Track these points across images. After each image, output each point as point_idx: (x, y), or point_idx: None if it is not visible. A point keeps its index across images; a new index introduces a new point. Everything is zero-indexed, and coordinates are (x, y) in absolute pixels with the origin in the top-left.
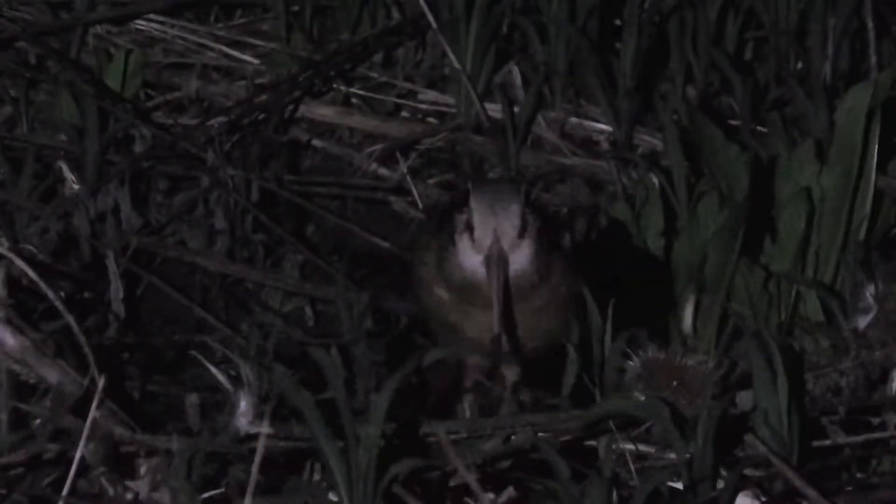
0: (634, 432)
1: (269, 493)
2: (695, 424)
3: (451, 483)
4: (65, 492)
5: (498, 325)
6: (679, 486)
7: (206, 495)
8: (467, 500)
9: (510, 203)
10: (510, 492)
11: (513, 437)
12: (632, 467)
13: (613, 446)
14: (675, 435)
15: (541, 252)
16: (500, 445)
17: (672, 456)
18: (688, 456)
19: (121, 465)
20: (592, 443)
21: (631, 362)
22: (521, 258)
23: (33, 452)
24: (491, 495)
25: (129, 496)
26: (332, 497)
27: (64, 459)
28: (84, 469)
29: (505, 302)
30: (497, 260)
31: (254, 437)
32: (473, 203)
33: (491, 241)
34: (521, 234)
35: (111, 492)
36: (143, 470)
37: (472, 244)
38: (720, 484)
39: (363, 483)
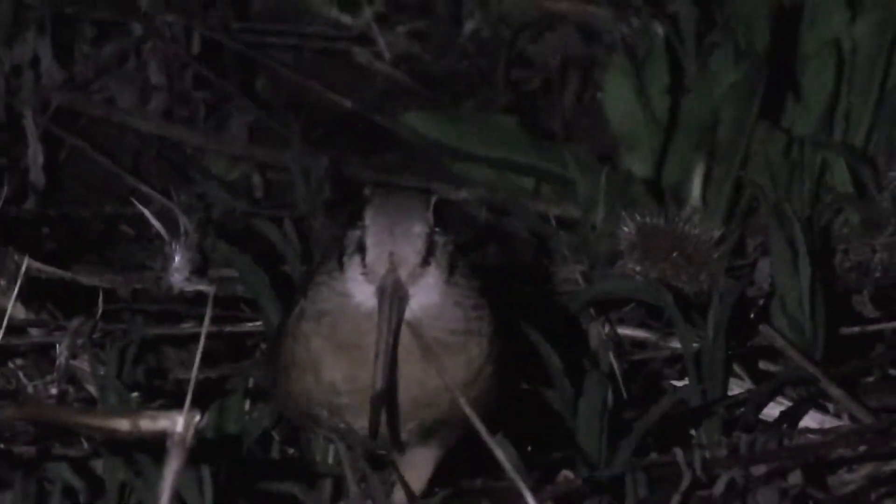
0: (621, 312)
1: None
2: (704, 310)
3: None
4: None
5: (381, 381)
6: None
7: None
8: None
9: (413, 220)
10: None
11: None
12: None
13: (607, 330)
14: (682, 324)
15: (454, 287)
16: None
17: (675, 345)
18: (696, 347)
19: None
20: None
21: (626, 228)
22: (424, 293)
23: None
24: None
25: (51, 391)
26: None
27: None
28: (0, 363)
29: (394, 350)
30: (391, 293)
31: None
32: (368, 217)
33: (386, 269)
34: (426, 260)
35: (29, 388)
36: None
37: (362, 269)
38: (734, 384)
39: None
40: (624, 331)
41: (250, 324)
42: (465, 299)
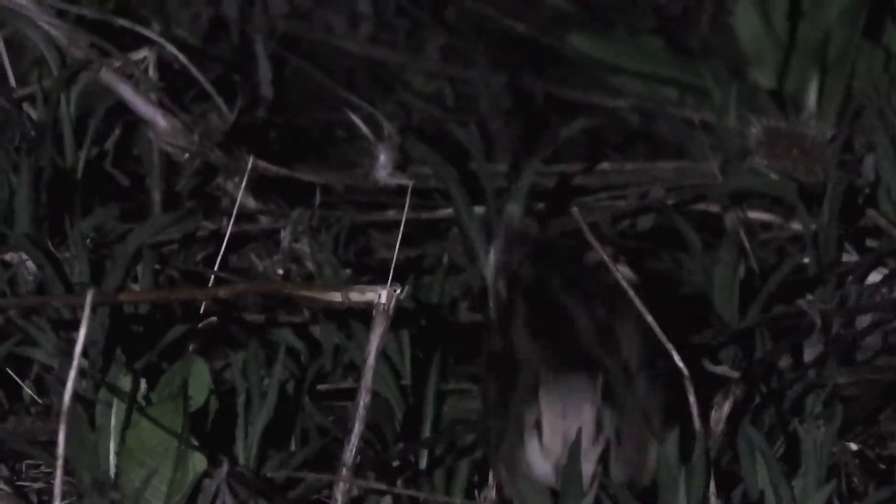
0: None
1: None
2: (819, 198)
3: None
4: (216, 267)
5: None
6: (805, 259)
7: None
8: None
9: (584, 402)
10: None
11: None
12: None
13: (739, 216)
14: (802, 209)
15: (621, 450)
16: (635, 202)
17: (797, 226)
18: (813, 227)
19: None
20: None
21: (753, 129)
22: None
23: (186, 230)
24: (623, 266)
25: (277, 270)
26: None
27: (216, 236)
28: (235, 245)
29: None
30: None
31: (392, 189)
32: (543, 402)
33: (561, 448)
34: (596, 437)
35: (260, 267)
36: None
37: (540, 448)
38: (844, 257)
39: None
40: (753, 215)
41: (442, 211)
42: (628, 458)
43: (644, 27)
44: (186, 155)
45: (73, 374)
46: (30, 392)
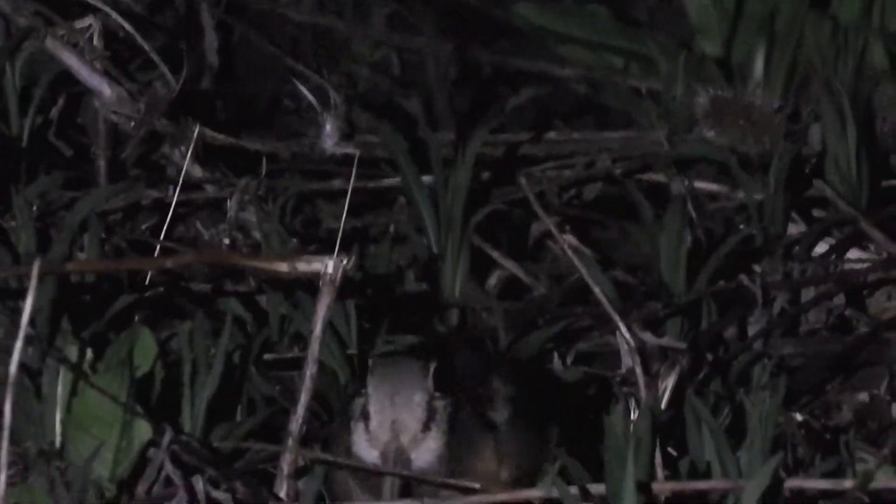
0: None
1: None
2: (766, 166)
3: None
4: (162, 236)
5: None
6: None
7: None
8: (549, 242)
9: (412, 391)
10: None
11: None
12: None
13: (686, 185)
14: (746, 179)
15: (455, 444)
16: (582, 172)
17: (741, 195)
18: (760, 197)
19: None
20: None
21: (700, 98)
22: (425, 455)
23: (132, 199)
24: (569, 236)
25: (223, 239)
26: (421, 240)
27: (162, 206)
28: (181, 214)
29: None
30: (394, 459)
31: (339, 158)
32: (371, 387)
33: (388, 437)
34: (426, 426)
35: (206, 236)
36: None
37: (367, 436)
38: (792, 228)
39: (450, 226)
40: (700, 185)
41: (389, 180)
42: (462, 456)
43: None
44: (132, 124)
45: (19, 343)
46: None
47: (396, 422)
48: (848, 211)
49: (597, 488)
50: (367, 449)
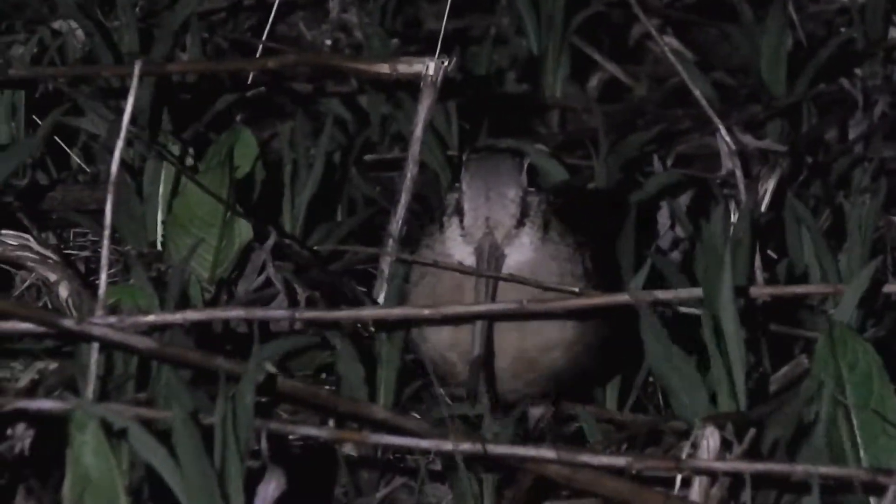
0: None
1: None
2: None
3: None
4: (264, 36)
5: (478, 343)
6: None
7: None
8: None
9: (507, 186)
10: None
11: None
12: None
13: None
14: None
15: (548, 243)
16: None
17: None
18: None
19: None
20: None
21: None
22: (519, 251)
23: None
24: (670, 37)
25: (325, 39)
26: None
27: (264, 5)
28: (283, 13)
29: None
30: (488, 254)
31: None
32: (465, 183)
33: (483, 232)
34: (520, 221)
35: (308, 36)
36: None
37: (461, 231)
38: (892, 31)
39: (550, 27)
40: None
41: None
42: (560, 253)
43: None
44: None
45: (120, 142)
46: (77, 160)
47: (491, 218)
48: None
49: (692, 292)
50: (461, 245)
